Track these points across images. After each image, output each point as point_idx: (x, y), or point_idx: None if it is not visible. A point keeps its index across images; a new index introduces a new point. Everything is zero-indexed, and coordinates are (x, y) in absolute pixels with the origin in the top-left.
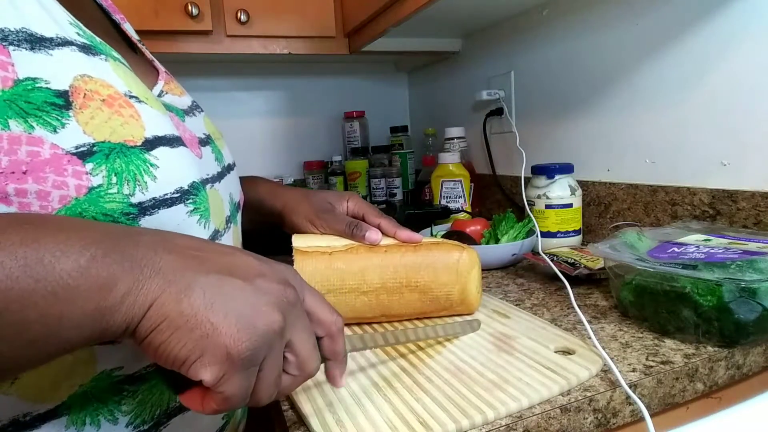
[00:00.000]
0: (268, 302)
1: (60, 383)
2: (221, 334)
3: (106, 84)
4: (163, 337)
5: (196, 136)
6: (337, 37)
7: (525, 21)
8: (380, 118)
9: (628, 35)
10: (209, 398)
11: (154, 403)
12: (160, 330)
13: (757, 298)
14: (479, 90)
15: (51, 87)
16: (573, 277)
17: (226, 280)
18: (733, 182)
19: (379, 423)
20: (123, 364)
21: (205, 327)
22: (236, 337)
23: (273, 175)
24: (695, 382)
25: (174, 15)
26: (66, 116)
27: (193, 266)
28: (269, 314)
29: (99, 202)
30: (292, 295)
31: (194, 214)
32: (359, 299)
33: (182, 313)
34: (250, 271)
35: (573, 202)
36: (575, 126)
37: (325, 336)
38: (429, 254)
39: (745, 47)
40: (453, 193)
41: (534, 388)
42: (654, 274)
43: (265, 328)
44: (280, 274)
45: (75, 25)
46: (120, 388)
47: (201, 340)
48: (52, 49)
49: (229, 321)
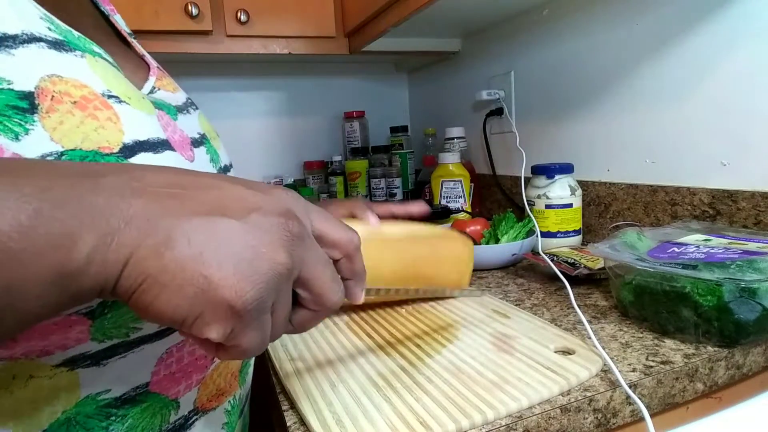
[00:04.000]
0: (270, 241)
1: (40, 409)
2: (219, 287)
3: (80, 84)
4: (149, 297)
5: (188, 137)
6: (337, 37)
7: (525, 21)
8: (380, 118)
9: (628, 35)
10: (222, 351)
11: (145, 427)
12: (144, 290)
13: (757, 298)
14: (479, 90)
15: (14, 88)
16: (573, 277)
17: (214, 222)
18: (733, 182)
19: (379, 423)
20: (110, 386)
21: (198, 282)
22: (237, 288)
23: (273, 175)
24: (695, 382)
25: (174, 15)
26: (30, 121)
27: (172, 209)
28: (272, 255)
29: None
30: (296, 227)
31: None
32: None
33: (166, 269)
34: (242, 205)
35: (573, 202)
36: (575, 126)
37: (342, 258)
38: (435, 248)
39: (745, 47)
40: (453, 193)
41: (534, 388)
42: (654, 274)
43: (270, 272)
44: (279, 203)
45: (47, 20)
46: (107, 413)
47: (196, 297)
48: (16, 47)
49: (225, 271)
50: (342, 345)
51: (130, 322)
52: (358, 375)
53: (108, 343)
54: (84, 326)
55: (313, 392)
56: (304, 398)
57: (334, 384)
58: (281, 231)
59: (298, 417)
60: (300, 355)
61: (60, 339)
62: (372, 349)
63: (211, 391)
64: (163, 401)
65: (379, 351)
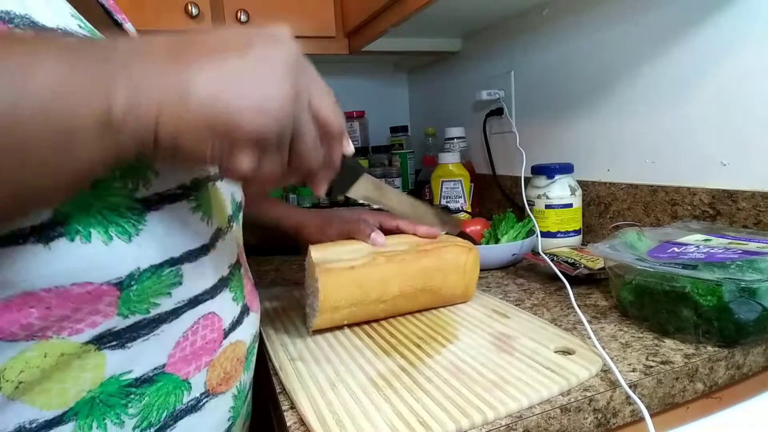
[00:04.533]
0: (271, 71)
1: (68, 390)
2: (243, 120)
3: None
4: (188, 143)
5: None
6: (337, 37)
7: (525, 21)
8: (380, 118)
9: (628, 35)
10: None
11: (160, 405)
12: (181, 139)
13: (757, 298)
14: (479, 90)
15: None
16: (573, 277)
17: (221, 62)
18: (733, 182)
19: (378, 423)
20: (132, 367)
21: (225, 118)
22: (257, 119)
23: None
24: (695, 382)
25: (174, 15)
26: None
27: (183, 62)
28: (279, 83)
29: (103, 195)
30: (287, 53)
31: (197, 211)
32: (379, 307)
33: (196, 114)
34: (239, 43)
35: (573, 202)
36: (575, 126)
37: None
38: (440, 258)
39: (745, 47)
40: (453, 193)
41: (534, 388)
42: (654, 274)
43: (281, 99)
44: (269, 38)
45: (77, 18)
46: (127, 392)
47: (226, 134)
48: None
49: (245, 103)
50: (342, 345)
51: (151, 297)
52: (358, 375)
53: (131, 320)
54: (113, 297)
55: (313, 392)
56: (304, 398)
57: (334, 384)
58: (278, 60)
59: (298, 417)
60: (300, 355)
61: (90, 310)
62: (372, 349)
63: (219, 374)
64: (175, 381)
65: (378, 351)
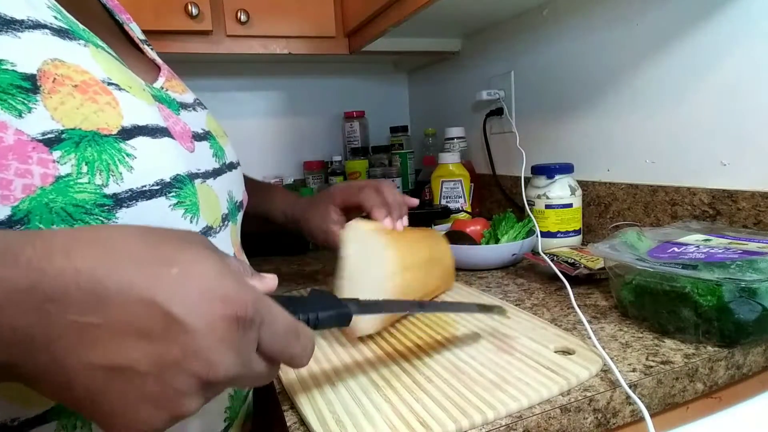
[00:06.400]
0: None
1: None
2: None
3: (81, 69)
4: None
5: (190, 130)
6: (337, 37)
7: (525, 21)
8: (380, 118)
9: (628, 35)
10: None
11: None
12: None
13: (757, 298)
14: (479, 90)
15: (17, 69)
16: (573, 277)
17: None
18: (733, 182)
19: (378, 423)
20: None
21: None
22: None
23: (273, 175)
24: (695, 382)
25: (174, 15)
26: (33, 100)
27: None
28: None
29: (68, 192)
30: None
31: (178, 208)
32: (416, 275)
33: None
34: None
35: (573, 202)
36: (575, 126)
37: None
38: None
39: (745, 47)
40: (453, 193)
41: (534, 388)
42: (654, 274)
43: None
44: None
45: (54, 9)
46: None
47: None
48: (21, 31)
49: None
50: (342, 345)
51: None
52: (358, 375)
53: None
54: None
55: (313, 392)
56: (304, 398)
57: (334, 384)
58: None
59: (298, 417)
60: None
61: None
62: (372, 348)
63: None
64: None
65: (379, 351)
